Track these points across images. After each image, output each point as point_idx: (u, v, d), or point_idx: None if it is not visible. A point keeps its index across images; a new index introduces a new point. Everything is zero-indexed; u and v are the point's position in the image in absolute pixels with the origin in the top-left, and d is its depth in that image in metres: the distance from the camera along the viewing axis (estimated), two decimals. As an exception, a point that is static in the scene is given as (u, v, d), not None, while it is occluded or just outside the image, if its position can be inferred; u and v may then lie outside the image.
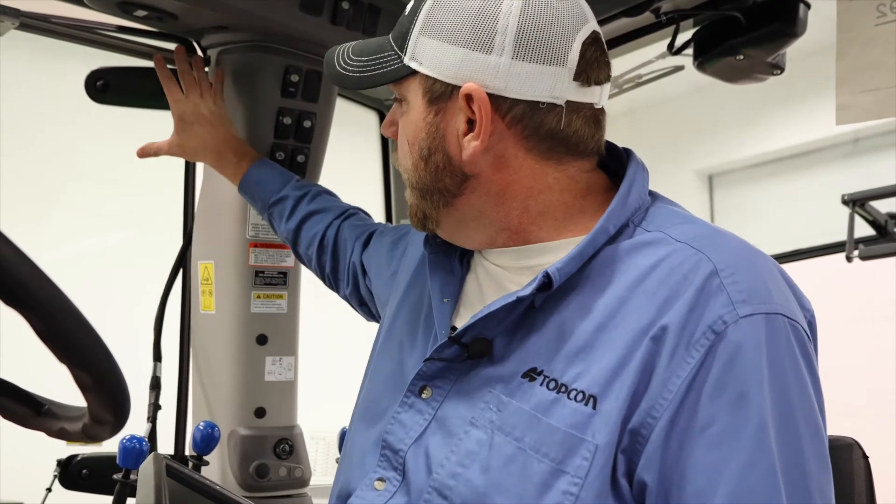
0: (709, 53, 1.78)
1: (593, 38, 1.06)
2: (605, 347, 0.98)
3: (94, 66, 1.74)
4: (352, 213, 1.65)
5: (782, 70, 1.80)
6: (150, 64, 1.76)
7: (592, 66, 1.06)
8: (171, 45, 1.76)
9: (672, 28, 1.77)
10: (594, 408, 0.96)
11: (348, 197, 1.72)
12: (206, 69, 1.75)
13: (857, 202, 2.53)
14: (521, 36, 1.01)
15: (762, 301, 0.96)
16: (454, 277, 1.18)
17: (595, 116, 1.08)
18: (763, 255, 1.03)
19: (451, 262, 1.19)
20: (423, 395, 1.10)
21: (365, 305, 1.58)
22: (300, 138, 1.78)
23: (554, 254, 1.07)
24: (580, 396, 0.97)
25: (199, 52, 1.78)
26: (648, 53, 1.88)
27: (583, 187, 1.10)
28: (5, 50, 1.77)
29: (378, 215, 2.24)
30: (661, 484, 0.93)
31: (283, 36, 1.72)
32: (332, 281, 1.64)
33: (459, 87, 1.03)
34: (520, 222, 1.10)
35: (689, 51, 1.82)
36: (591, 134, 1.08)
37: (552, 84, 1.03)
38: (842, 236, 2.54)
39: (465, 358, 1.06)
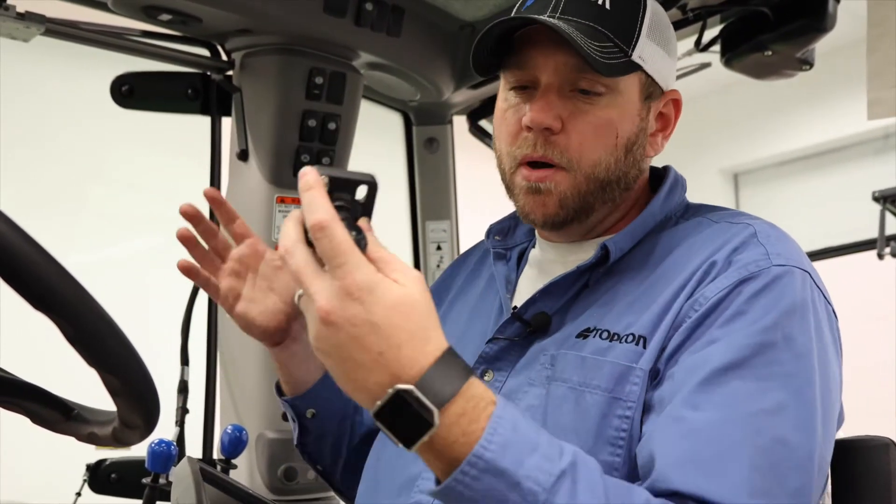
0: (736, 50, 1.77)
1: None
2: (657, 295, 1.04)
3: (120, 71, 1.75)
4: None
5: (811, 65, 1.79)
6: (174, 68, 1.77)
7: None
8: (196, 50, 1.76)
9: (699, 24, 1.76)
10: (644, 347, 1.02)
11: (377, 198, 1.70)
12: None
13: (889, 199, 2.50)
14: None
15: (795, 260, 1.03)
16: (512, 271, 1.25)
17: None
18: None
19: (510, 258, 1.27)
20: (486, 378, 1.13)
21: None
22: (325, 140, 1.78)
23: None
24: (631, 338, 1.03)
25: (224, 56, 1.79)
26: (674, 51, 1.87)
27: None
28: (33, 55, 1.78)
29: (403, 216, 2.24)
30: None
31: (307, 38, 1.72)
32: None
33: (663, 91, 1.16)
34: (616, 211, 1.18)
35: (716, 47, 1.81)
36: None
37: None
38: (872, 234, 2.51)
39: (526, 333, 1.11)
